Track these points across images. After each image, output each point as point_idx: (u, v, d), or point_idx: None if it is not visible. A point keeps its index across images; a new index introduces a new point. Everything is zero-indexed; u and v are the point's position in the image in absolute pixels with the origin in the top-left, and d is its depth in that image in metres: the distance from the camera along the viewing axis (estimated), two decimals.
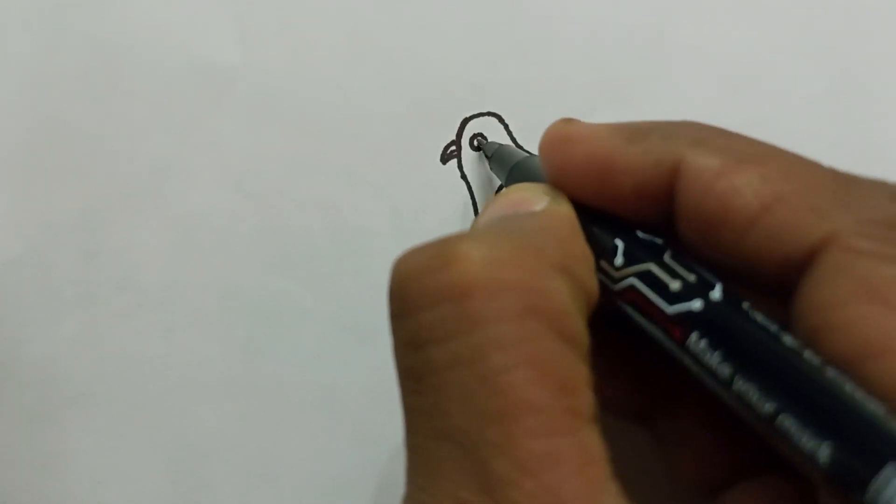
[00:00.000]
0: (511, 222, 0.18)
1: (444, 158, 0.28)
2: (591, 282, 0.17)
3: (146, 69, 0.28)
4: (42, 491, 0.27)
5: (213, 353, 0.28)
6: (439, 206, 0.28)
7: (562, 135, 0.19)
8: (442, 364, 0.15)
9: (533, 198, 0.19)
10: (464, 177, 0.28)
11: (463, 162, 0.28)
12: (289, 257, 0.28)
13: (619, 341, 0.20)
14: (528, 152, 0.26)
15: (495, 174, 0.27)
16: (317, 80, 0.28)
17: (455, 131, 0.28)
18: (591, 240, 0.18)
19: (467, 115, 0.28)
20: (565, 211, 0.18)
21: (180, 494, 0.27)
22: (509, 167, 0.24)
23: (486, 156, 0.27)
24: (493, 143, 0.28)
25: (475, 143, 0.28)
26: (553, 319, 0.15)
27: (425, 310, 0.15)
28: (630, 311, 0.18)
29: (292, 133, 0.28)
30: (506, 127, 0.28)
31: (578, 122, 0.19)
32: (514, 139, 0.28)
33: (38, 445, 0.28)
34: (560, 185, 0.19)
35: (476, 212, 0.28)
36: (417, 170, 0.28)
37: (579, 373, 0.15)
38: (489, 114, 0.28)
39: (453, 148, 0.28)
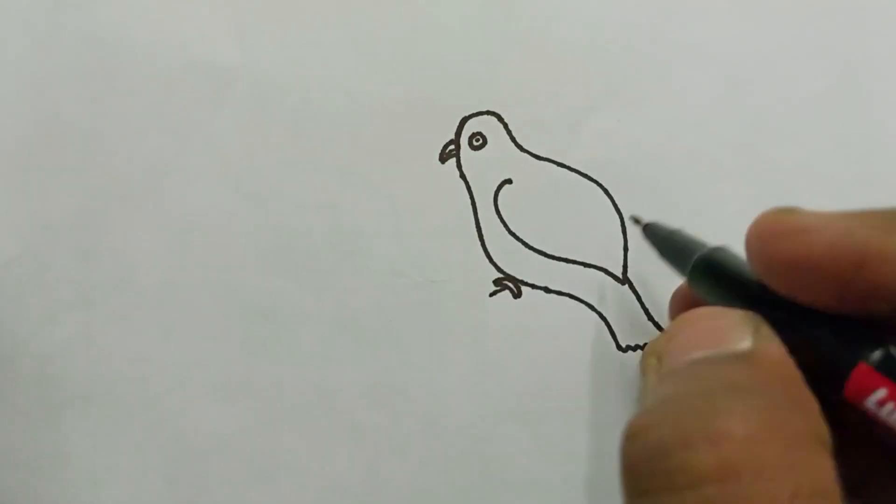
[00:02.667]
0: (725, 374, 0.16)
1: (444, 158, 0.28)
2: (826, 430, 0.15)
3: (144, 68, 0.28)
4: (40, 491, 0.27)
5: (212, 353, 0.28)
6: (439, 206, 0.28)
7: (789, 226, 0.17)
8: None
9: (733, 331, 0.17)
10: (463, 176, 0.28)
11: (462, 161, 0.28)
12: (288, 258, 0.28)
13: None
14: (701, 242, 0.23)
15: (667, 261, 0.24)
16: (316, 79, 0.28)
17: (454, 131, 0.28)
18: (823, 351, 0.16)
19: (466, 115, 0.28)
20: (778, 353, 0.16)
21: (178, 495, 0.27)
22: (691, 261, 0.22)
23: (652, 241, 0.25)
24: (658, 226, 0.25)
25: (474, 142, 0.28)
26: (821, 498, 0.14)
27: (684, 491, 0.14)
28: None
29: (291, 133, 0.28)
30: (505, 126, 0.28)
31: (802, 211, 0.17)
32: (513, 139, 0.28)
33: (36, 446, 0.27)
34: (784, 286, 0.17)
35: (475, 211, 0.28)
36: (417, 170, 0.28)
37: None
38: (489, 113, 0.28)
39: (452, 147, 0.28)
